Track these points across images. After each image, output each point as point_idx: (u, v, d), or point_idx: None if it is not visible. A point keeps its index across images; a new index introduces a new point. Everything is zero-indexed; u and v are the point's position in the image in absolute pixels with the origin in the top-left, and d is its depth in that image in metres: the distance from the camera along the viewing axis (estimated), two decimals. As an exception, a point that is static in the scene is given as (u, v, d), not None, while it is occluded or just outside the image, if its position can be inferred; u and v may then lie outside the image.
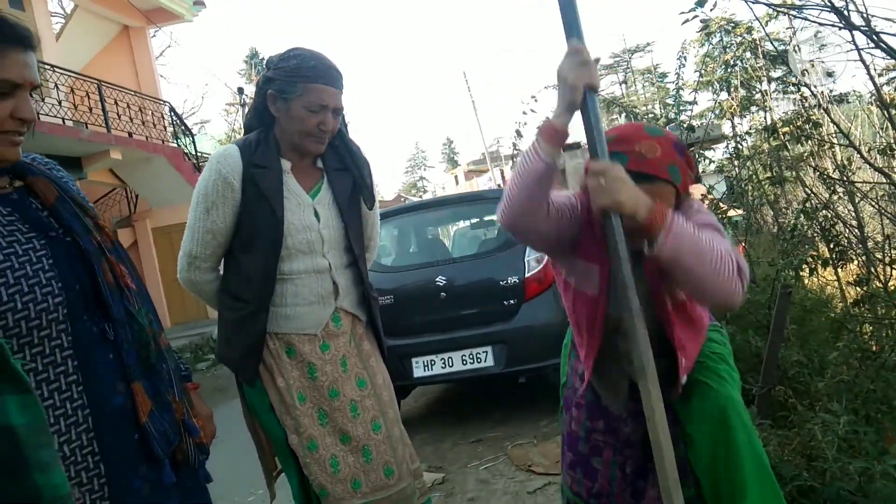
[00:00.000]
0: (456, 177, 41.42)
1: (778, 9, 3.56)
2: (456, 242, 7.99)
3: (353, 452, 2.03)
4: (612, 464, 1.87)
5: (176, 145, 14.35)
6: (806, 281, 4.54)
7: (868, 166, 4.34)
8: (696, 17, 3.74)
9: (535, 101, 5.41)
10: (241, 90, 15.87)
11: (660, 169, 1.45)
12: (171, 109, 15.04)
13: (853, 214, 4.46)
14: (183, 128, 15.32)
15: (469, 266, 5.06)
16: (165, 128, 14.57)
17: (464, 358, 4.63)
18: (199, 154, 14.82)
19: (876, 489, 2.12)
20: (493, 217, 7.05)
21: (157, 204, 14.79)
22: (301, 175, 2.07)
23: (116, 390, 1.33)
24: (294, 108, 1.98)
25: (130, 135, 12.66)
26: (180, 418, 1.44)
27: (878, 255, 3.95)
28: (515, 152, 6.61)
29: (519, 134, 5.62)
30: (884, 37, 2.49)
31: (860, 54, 2.73)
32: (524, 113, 5.45)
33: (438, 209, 6.00)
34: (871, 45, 2.48)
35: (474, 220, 7.24)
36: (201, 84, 75.26)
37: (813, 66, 4.98)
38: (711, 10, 3.66)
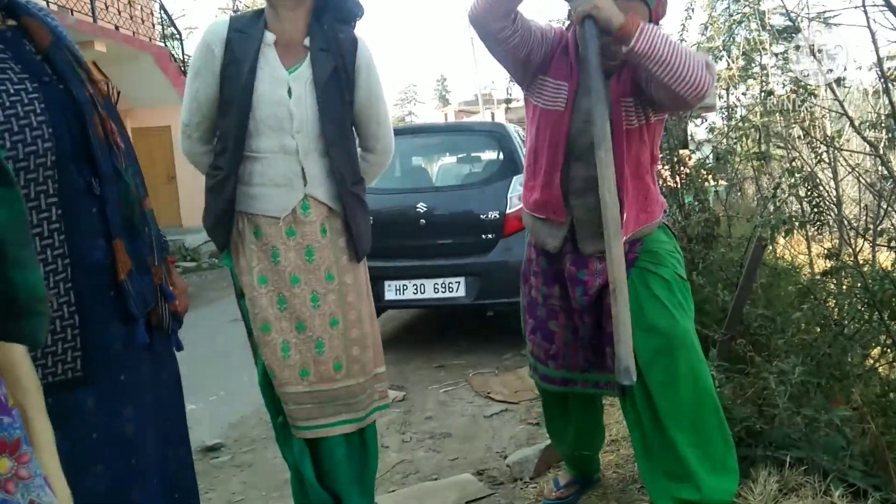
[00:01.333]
0: (445, 115, 40.86)
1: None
2: (440, 175, 7.95)
3: (307, 343, 2.05)
4: (566, 327, 2.07)
5: (163, 45, 13.91)
6: (779, 250, 4.61)
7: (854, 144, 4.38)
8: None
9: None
10: (235, -7, 15.32)
11: None
12: (162, 6, 14.53)
13: (834, 194, 4.51)
14: (172, 28, 14.83)
15: (451, 196, 5.05)
16: (154, 25, 14.09)
17: (436, 286, 4.67)
18: (185, 58, 14.40)
19: (819, 437, 2.21)
20: (480, 153, 7.01)
21: (138, 104, 14.37)
22: (285, 52, 2.04)
23: (97, 245, 1.32)
24: None
25: (117, 28, 12.22)
26: (158, 283, 1.45)
27: (852, 229, 4.03)
28: (509, 96, 6.54)
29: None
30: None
31: (868, 20, 2.72)
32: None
33: (426, 135, 5.94)
34: (882, 6, 2.47)
35: (461, 155, 7.17)
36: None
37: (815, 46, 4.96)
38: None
